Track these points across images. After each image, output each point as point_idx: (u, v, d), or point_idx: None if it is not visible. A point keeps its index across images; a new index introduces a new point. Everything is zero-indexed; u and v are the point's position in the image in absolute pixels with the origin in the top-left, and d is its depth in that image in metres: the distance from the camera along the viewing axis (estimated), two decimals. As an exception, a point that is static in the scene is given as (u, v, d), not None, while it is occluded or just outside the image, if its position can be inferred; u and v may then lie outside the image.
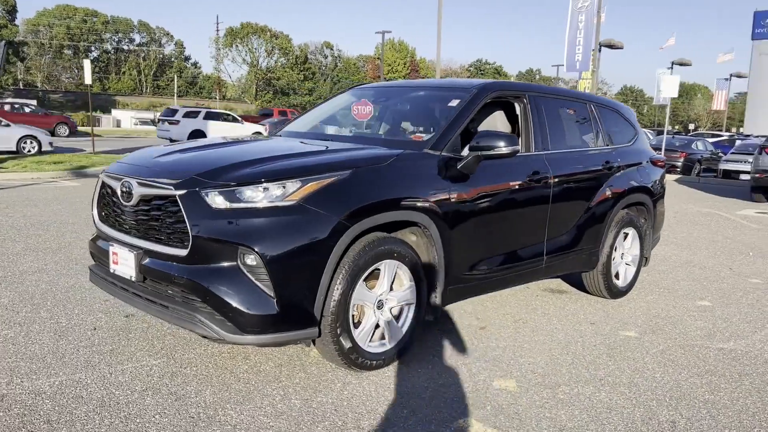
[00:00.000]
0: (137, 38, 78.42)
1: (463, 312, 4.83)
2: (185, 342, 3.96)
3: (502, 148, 3.88)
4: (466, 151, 4.03)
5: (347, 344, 3.42)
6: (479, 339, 4.27)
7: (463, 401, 3.29)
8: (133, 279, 3.47)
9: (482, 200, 4.04)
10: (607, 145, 5.41)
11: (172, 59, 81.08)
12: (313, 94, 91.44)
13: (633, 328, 4.69)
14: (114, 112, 51.76)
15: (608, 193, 5.15)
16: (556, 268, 4.84)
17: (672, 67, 41.33)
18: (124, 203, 3.54)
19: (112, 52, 75.37)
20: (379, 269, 3.55)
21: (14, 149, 18.11)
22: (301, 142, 4.34)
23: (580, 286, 5.63)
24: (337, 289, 3.31)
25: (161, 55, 79.68)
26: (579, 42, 22.90)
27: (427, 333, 4.26)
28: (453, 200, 3.84)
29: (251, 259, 3.13)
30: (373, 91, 5.21)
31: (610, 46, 27.63)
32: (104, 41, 73.79)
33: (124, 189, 3.53)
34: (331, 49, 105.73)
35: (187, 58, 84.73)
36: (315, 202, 3.25)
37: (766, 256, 7.91)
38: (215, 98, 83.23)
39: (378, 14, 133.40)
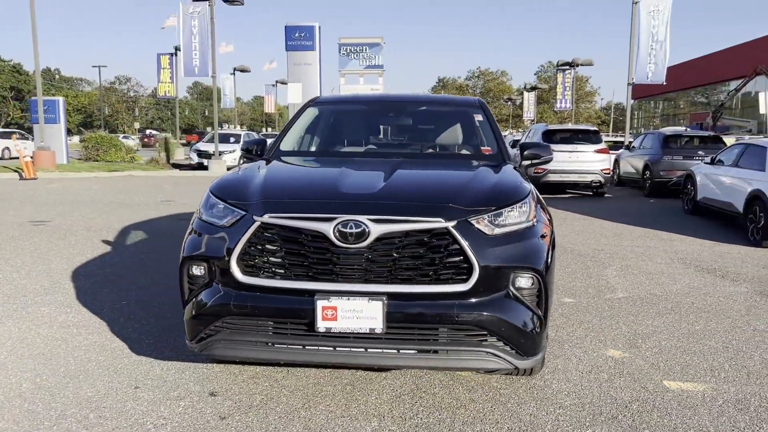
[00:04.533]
0: None
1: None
2: (334, 392, 3.51)
3: (548, 156, 4.61)
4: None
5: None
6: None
7: (622, 375, 3.97)
8: (378, 331, 3.03)
9: None
10: None
11: None
12: None
13: (560, 295, 5.92)
14: None
15: None
16: None
17: (234, 73, 44.35)
18: (349, 246, 3.03)
19: None
20: None
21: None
22: (403, 161, 4.18)
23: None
24: None
25: None
26: (195, 47, 22.90)
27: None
28: None
29: (524, 282, 3.19)
30: (366, 106, 5.11)
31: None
32: None
33: (348, 230, 3.01)
34: None
35: None
36: (537, 218, 3.46)
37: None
38: None
39: None
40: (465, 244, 3.04)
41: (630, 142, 20.04)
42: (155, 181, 19.25)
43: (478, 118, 4.82)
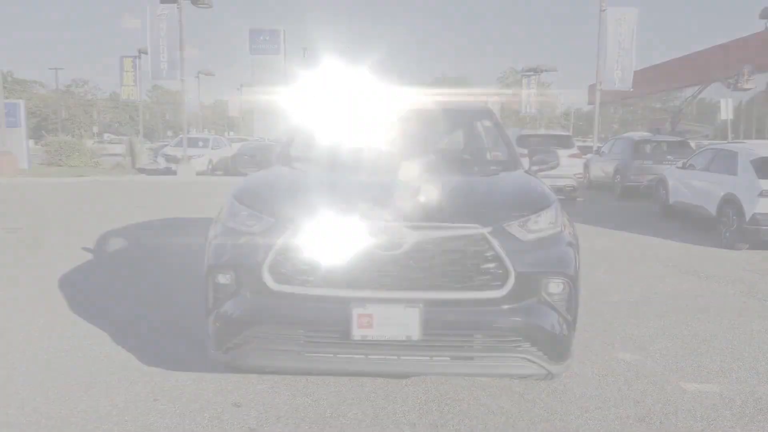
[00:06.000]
0: None
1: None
2: (360, 400, 3.48)
3: (554, 162, 4.66)
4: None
5: None
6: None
7: (638, 377, 4.04)
8: (415, 338, 3.01)
9: None
10: None
11: None
12: None
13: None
14: None
15: None
16: None
17: (199, 76, 43.92)
18: (385, 252, 3.00)
19: None
20: None
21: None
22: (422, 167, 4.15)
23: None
24: None
25: None
26: (163, 50, 22.48)
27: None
28: None
29: (556, 287, 3.21)
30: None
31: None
32: None
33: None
34: None
35: None
36: (562, 225, 3.49)
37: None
38: None
39: None
40: (500, 250, 3.04)
41: (599, 147, 20.42)
42: (123, 186, 18.81)
43: (486, 123, 4.85)
